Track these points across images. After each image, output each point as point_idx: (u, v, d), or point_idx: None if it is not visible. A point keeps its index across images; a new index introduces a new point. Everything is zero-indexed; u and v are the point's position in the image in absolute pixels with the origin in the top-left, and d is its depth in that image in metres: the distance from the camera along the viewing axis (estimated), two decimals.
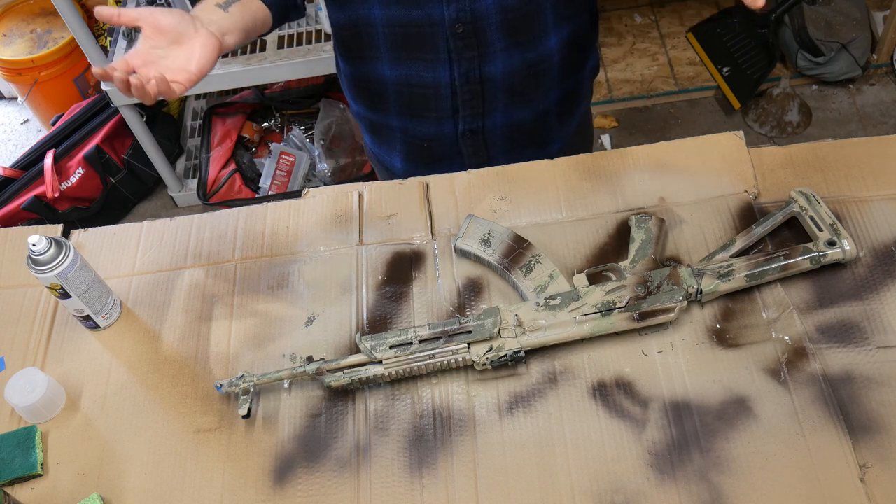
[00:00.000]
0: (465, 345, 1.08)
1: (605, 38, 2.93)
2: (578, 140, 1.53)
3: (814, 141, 1.29)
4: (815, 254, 1.13)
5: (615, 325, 1.09)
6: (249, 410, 1.06)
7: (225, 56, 2.37)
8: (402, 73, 1.26)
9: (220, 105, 2.72)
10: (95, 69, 0.95)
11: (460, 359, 1.08)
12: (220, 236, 1.30)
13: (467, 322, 1.09)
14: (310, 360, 1.09)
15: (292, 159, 2.63)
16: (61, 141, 2.58)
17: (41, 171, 2.52)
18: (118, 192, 2.69)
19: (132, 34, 2.50)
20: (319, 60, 2.33)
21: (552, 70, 1.29)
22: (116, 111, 2.54)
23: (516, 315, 1.10)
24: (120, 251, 1.30)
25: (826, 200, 1.19)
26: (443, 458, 1.04)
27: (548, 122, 1.39)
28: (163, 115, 2.74)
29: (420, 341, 1.08)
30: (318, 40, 2.38)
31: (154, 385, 1.15)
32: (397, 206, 1.29)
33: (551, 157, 1.44)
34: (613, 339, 1.11)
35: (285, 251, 1.27)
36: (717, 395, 1.05)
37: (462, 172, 1.32)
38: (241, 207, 1.33)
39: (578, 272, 1.15)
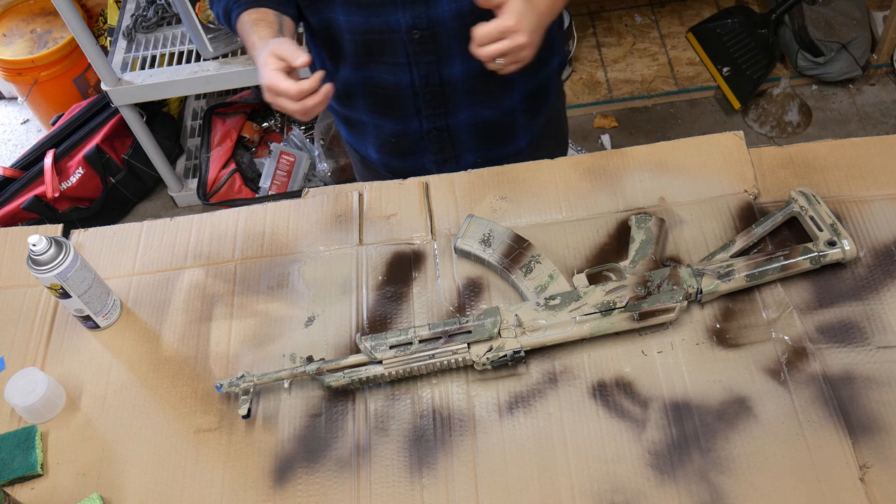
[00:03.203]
0: (465, 345, 1.08)
1: (605, 38, 2.93)
2: (550, 135, 1.53)
3: (814, 141, 1.29)
4: (815, 254, 1.13)
5: (615, 325, 1.09)
6: (249, 410, 1.06)
7: (224, 56, 2.38)
8: (366, 75, 1.29)
9: (220, 105, 2.72)
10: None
11: (460, 359, 1.08)
12: (220, 236, 1.30)
13: (467, 322, 1.09)
14: (310, 360, 1.09)
15: (292, 159, 2.63)
16: (61, 141, 2.58)
17: (41, 171, 2.52)
18: (118, 192, 2.69)
19: (132, 34, 2.50)
20: None
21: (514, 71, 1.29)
22: (116, 111, 2.54)
23: (516, 315, 1.10)
24: (120, 251, 1.30)
25: (826, 200, 1.19)
26: (443, 458, 1.04)
27: (514, 119, 1.40)
28: (163, 115, 2.74)
29: (420, 341, 1.08)
30: None
31: (154, 385, 1.15)
32: (397, 206, 1.29)
33: (520, 152, 1.44)
34: (613, 339, 1.11)
35: (285, 251, 1.27)
36: (717, 395, 1.05)
37: (462, 172, 1.32)
38: (241, 207, 1.33)
39: (578, 272, 1.15)
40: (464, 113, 1.34)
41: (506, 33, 1.06)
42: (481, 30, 1.06)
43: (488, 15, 1.10)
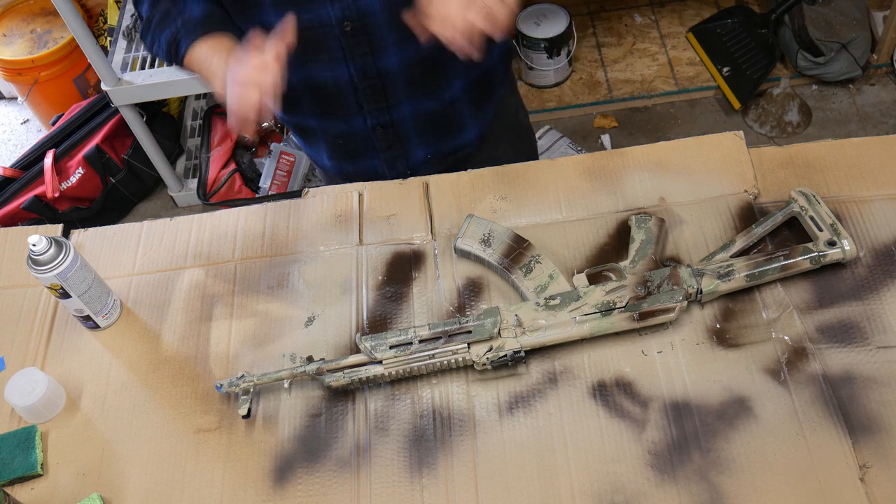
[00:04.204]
0: (465, 345, 1.08)
1: (605, 38, 2.93)
2: (505, 129, 1.52)
3: (814, 141, 1.29)
4: (815, 254, 1.13)
5: (615, 325, 1.09)
6: (249, 410, 1.06)
7: None
8: (306, 74, 1.29)
9: (220, 105, 2.72)
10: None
11: (460, 359, 1.08)
12: (220, 236, 1.30)
13: (467, 322, 1.09)
14: (310, 360, 1.09)
15: (292, 159, 2.63)
16: (61, 141, 2.58)
17: (41, 171, 2.52)
18: (118, 192, 2.69)
19: (132, 34, 2.50)
20: None
21: (451, 60, 1.23)
22: (116, 111, 2.54)
23: (516, 315, 1.10)
24: (120, 251, 1.30)
25: (826, 200, 1.19)
26: (443, 458, 1.04)
27: (458, 110, 1.39)
28: (163, 115, 2.74)
29: (420, 341, 1.08)
30: None
31: (154, 385, 1.15)
32: (397, 206, 1.29)
33: (470, 145, 1.43)
34: (613, 339, 1.11)
35: (285, 251, 1.27)
36: (717, 395, 1.05)
37: (462, 172, 1.32)
38: (241, 207, 1.33)
39: (578, 272, 1.15)
40: (406, 106, 1.34)
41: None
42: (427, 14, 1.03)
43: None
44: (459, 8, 1.01)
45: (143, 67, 2.42)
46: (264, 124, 2.76)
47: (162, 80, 2.35)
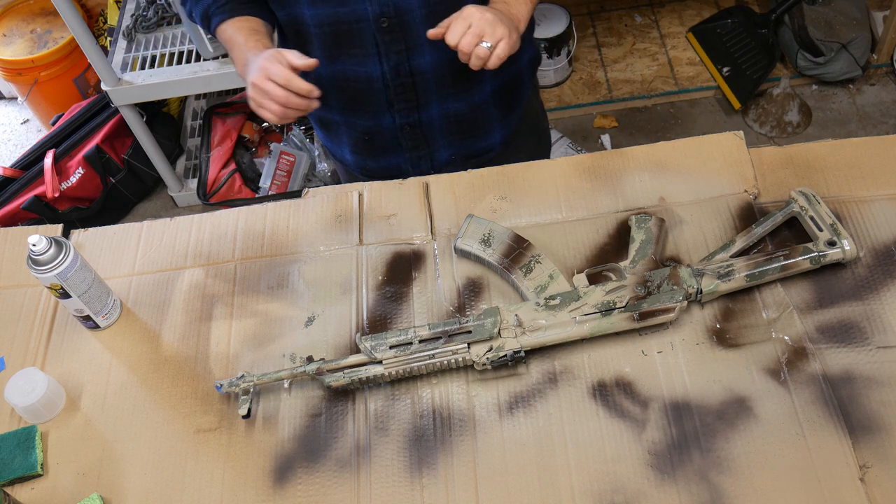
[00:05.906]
0: (465, 345, 1.08)
1: (605, 38, 2.93)
2: (527, 132, 1.53)
3: (814, 141, 1.29)
4: (815, 254, 1.13)
5: (615, 325, 1.09)
6: (249, 410, 1.06)
7: (225, 56, 2.38)
8: (337, 69, 1.29)
9: (220, 105, 2.72)
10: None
11: (460, 359, 1.08)
12: (220, 236, 1.30)
13: (467, 322, 1.09)
14: (310, 360, 1.09)
15: (292, 159, 2.63)
16: (61, 141, 2.58)
17: (41, 171, 2.52)
18: (118, 192, 2.69)
19: (132, 34, 2.50)
20: None
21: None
22: (116, 111, 2.54)
23: (516, 315, 1.10)
24: (120, 251, 1.30)
25: (826, 200, 1.19)
26: (443, 458, 1.04)
27: (486, 113, 1.40)
28: (163, 115, 2.74)
29: (420, 341, 1.08)
30: None
31: (154, 385, 1.15)
32: (397, 206, 1.29)
33: (495, 148, 1.44)
34: (613, 339, 1.11)
35: (285, 251, 1.27)
36: (717, 395, 1.05)
37: (462, 172, 1.32)
38: (241, 207, 1.33)
39: (578, 272, 1.15)
40: (435, 106, 1.34)
41: (461, 20, 1.12)
42: (450, 34, 1.12)
43: (456, 1, 1.13)
44: (462, 27, 1.12)
45: (143, 67, 2.42)
46: (264, 124, 2.77)
47: (162, 80, 2.35)
